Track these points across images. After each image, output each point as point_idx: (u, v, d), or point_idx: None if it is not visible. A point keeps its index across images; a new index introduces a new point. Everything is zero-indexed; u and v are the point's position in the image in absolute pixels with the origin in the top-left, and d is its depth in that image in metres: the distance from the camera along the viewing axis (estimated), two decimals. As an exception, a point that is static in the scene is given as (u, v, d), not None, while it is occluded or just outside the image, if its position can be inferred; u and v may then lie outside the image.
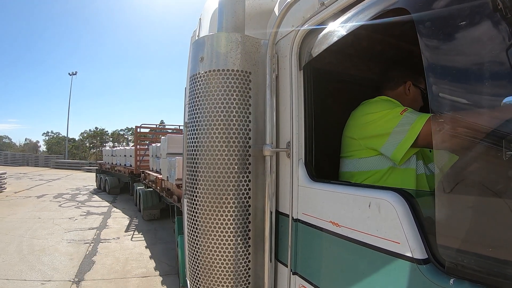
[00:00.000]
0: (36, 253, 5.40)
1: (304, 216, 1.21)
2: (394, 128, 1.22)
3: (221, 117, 1.28)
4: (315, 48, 1.21)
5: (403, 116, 1.22)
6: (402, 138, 1.19)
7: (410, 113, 1.23)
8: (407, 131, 1.17)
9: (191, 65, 1.41)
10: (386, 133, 1.25)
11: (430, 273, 0.75)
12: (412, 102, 1.50)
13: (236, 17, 1.43)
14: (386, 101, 1.43)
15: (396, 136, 1.21)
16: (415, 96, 1.52)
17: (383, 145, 1.26)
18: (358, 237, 0.95)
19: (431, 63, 0.76)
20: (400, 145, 1.19)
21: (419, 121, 1.15)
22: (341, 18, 1.09)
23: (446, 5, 0.73)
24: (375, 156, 1.31)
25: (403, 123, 1.20)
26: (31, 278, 4.36)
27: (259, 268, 1.35)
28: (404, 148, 1.18)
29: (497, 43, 0.64)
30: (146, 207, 8.20)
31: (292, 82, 1.29)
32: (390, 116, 1.27)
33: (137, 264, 5.08)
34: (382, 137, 1.26)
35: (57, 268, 4.77)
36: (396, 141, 1.21)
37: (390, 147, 1.23)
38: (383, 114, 1.30)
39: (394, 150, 1.22)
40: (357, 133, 1.37)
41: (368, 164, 1.33)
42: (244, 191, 1.30)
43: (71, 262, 5.04)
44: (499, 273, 0.65)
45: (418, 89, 1.52)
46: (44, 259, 5.10)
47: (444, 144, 0.75)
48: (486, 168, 0.68)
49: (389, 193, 0.88)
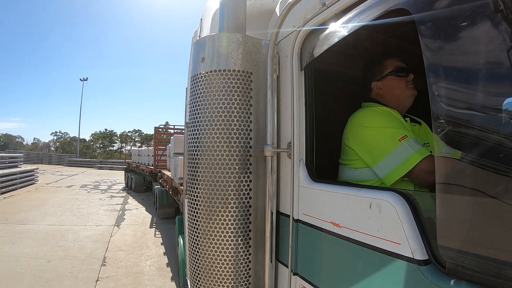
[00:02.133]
0: (85, 215, 8.62)
1: (305, 216, 1.21)
2: (389, 154, 1.19)
3: (222, 117, 1.28)
4: (316, 49, 1.21)
5: (400, 144, 1.17)
6: (394, 167, 1.17)
7: (408, 142, 1.17)
8: (400, 162, 1.15)
9: (192, 65, 1.41)
10: (380, 154, 1.23)
11: (430, 274, 0.75)
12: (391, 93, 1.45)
13: (237, 18, 1.43)
14: (386, 115, 1.33)
15: (389, 162, 1.19)
16: (388, 86, 1.46)
17: (376, 164, 1.24)
18: (359, 237, 0.95)
19: (432, 63, 0.76)
20: (392, 172, 1.18)
21: (415, 156, 1.13)
22: (342, 19, 1.09)
23: (447, 6, 0.73)
24: None
25: (399, 152, 1.17)
26: (88, 224, 7.60)
27: (260, 268, 1.35)
28: (395, 177, 1.17)
29: (498, 44, 0.64)
30: (161, 206, 8.44)
31: (293, 82, 1.29)
32: (388, 137, 1.23)
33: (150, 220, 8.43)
34: (375, 157, 1.25)
35: (102, 220, 8.09)
36: (388, 167, 1.19)
37: (383, 169, 1.22)
38: (381, 132, 1.26)
39: (386, 174, 1.20)
40: (353, 143, 1.35)
41: (365, 175, 1.32)
42: (245, 192, 1.30)
43: (109, 218, 8.37)
44: (500, 274, 0.64)
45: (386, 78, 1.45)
46: (92, 217, 8.40)
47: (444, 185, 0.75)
48: (487, 169, 0.67)
49: (389, 193, 0.88)
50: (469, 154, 0.69)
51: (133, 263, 5.09)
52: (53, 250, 5.54)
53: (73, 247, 5.76)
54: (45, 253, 5.33)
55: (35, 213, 8.51)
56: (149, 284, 4.34)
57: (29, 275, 4.41)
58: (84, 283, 4.24)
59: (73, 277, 4.43)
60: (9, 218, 7.74)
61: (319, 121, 1.32)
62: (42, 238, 6.19)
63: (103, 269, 4.75)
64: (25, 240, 6.02)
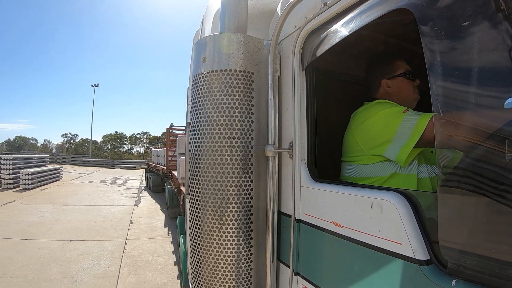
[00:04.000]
0: (111, 200, 11.71)
1: (306, 216, 1.21)
2: (398, 128, 1.21)
3: (223, 118, 1.28)
4: (318, 49, 1.21)
5: (405, 115, 1.21)
6: (406, 139, 1.18)
7: (412, 112, 1.22)
8: (411, 131, 1.16)
9: (194, 65, 1.42)
10: (389, 136, 1.23)
11: (432, 274, 0.75)
12: (399, 94, 1.47)
13: (238, 18, 1.43)
14: (384, 102, 1.42)
15: (400, 137, 1.20)
16: (398, 87, 1.47)
17: (386, 149, 1.25)
18: (360, 237, 0.95)
19: (433, 63, 0.76)
20: (405, 146, 1.18)
21: (422, 119, 1.14)
22: (343, 19, 1.08)
23: (449, 6, 0.73)
24: (377, 163, 1.30)
25: (406, 121, 1.19)
26: (115, 205, 10.62)
27: (261, 268, 1.35)
28: (409, 148, 1.17)
29: (500, 44, 0.64)
30: (171, 205, 8.57)
31: (294, 82, 1.29)
32: (392, 115, 1.25)
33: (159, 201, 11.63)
34: (385, 142, 1.25)
35: (124, 203, 11.13)
36: (400, 143, 1.20)
37: (394, 149, 1.22)
38: (383, 113, 1.29)
39: (399, 151, 1.20)
40: (359, 138, 1.35)
41: (370, 171, 1.32)
42: (246, 192, 1.30)
43: (130, 201, 11.52)
44: (501, 275, 0.64)
45: (397, 79, 1.47)
46: (117, 201, 11.44)
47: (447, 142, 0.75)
48: (489, 169, 0.67)
49: (391, 193, 0.88)
50: (470, 154, 0.69)
51: (149, 222, 8.39)
52: (95, 217, 8.51)
53: (108, 216, 8.83)
54: (91, 219, 8.29)
55: (72, 199, 11.46)
56: (159, 231, 7.50)
57: (85, 228, 7.32)
58: (121, 230, 7.36)
59: (113, 228, 7.54)
60: (54, 202, 10.64)
61: (320, 121, 1.32)
62: (85, 212, 9.18)
63: (130, 225, 7.90)
64: (73, 213, 9.01)
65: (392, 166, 1.27)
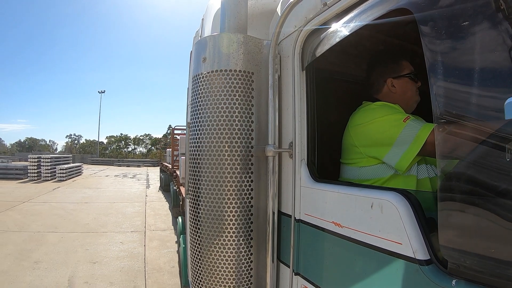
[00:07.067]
0: (128, 186, 15.95)
1: (307, 216, 1.21)
2: (398, 136, 1.19)
3: (223, 118, 1.28)
4: (318, 49, 1.21)
5: (406, 124, 1.19)
6: (407, 147, 1.17)
7: (413, 121, 1.19)
8: (411, 141, 1.15)
9: (194, 65, 1.42)
10: (389, 142, 1.22)
11: (432, 274, 0.75)
12: (403, 95, 1.45)
13: (238, 18, 1.43)
14: (384, 106, 1.39)
15: (400, 146, 1.19)
16: (403, 87, 1.46)
17: (386, 154, 1.24)
18: (361, 237, 0.95)
19: (433, 63, 0.76)
20: (405, 155, 1.17)
21: (424, 130, 1.13)
22: (343, 19, 1.08)
23: (449, 6, 0.73)
24: (376, 165, 1.30)
25: (407, 131, 1.17)
26: (132, 188, 15.40)
27: (261, 268, 1.35)
28: (409, 158, 1.16)
29: (500, 44, 0.64)
30: (175, 205, 8.49)
31: (294, 82, 1.29)
32: (392, 122, 1.24)
33: None
34: (385, 146, 1.24)
35: (139, 188, 15.48)
36: (400, 151, 1.19)
37: (394, 156, 1.21)
38: (383, 120, 1.27)
39: (399, 160, 1.20)
40: (358, 140, 1.34)
41: (369, 173, 1.31)
42: (247, 192, 1.30)
43: (143, 187, 15.95)
44: (502, 274, 0.64)
45: (403, 79, 1.46)
46: (133, 187, 15.66)
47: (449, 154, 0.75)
48: (489, 169, 0.67)
49: (391, 193, 0.88)
50: (471, 154, 0.69)
51: (157, 195, 13.00)
52: (122, 194, 12.97)
53: (131, 193, 13.43)
54: (119, 195, 12.58)
55: (101, 185, 15.87)
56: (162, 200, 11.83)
57: (119, 198, 11.79)
58: (142, 198, 12.17)
59: (136, 197, 12.25)
60: (90, 187, 14.71)
61: (320, 120, 1.32)
62: (114, 192, 13.49)
63: (146, 198, 12.10)
64: (107, 192, 13.38)
65: (391, 168, 1.27)
